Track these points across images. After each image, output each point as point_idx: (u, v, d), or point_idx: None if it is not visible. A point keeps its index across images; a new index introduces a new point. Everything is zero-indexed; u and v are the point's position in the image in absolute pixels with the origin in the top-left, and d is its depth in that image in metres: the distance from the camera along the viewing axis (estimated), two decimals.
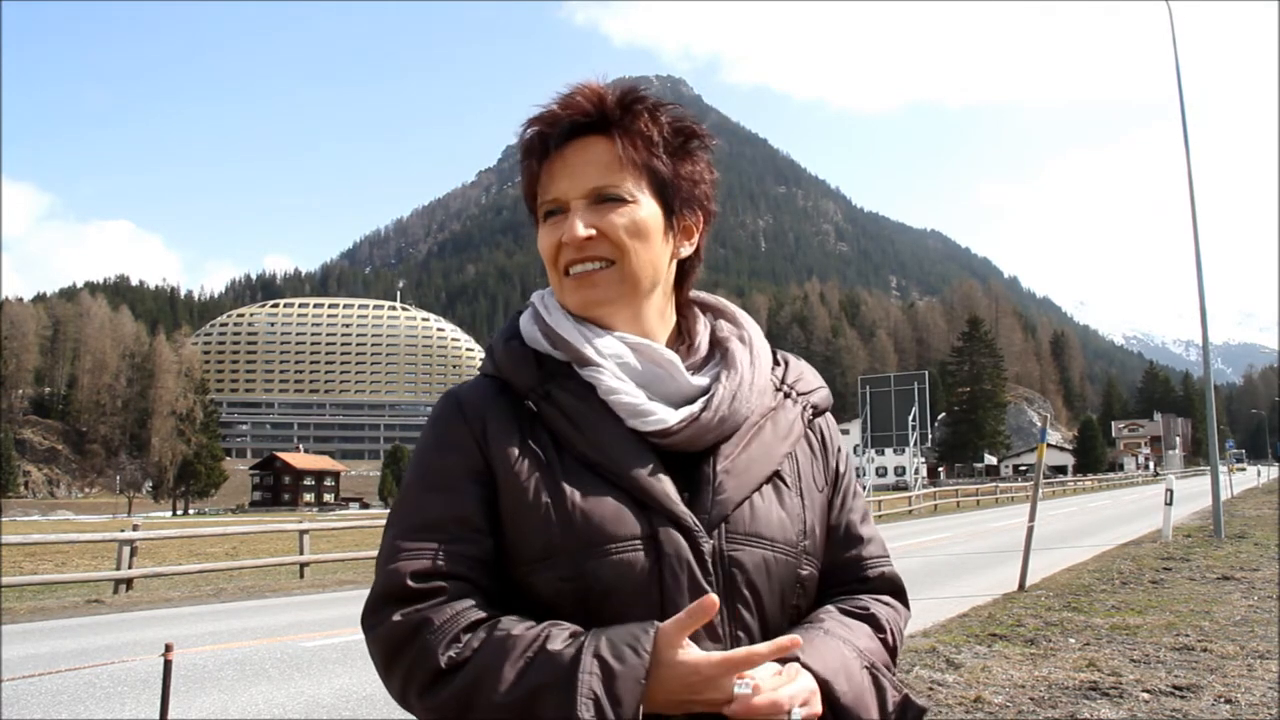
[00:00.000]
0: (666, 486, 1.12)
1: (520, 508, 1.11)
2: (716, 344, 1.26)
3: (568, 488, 1.10)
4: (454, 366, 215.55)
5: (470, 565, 1.10)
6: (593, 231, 1.13)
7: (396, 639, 1.06)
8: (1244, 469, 75.64)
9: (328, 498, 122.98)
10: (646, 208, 1.16)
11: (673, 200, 1.19)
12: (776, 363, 1.29)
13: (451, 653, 1.03)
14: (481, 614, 1.07)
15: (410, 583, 1.07)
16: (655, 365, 1.18)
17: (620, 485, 1.11)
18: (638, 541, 1.09)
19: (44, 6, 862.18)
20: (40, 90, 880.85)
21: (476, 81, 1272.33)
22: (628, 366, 1.17)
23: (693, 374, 1.20)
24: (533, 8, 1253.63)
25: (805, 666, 1.06)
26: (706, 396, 1.18)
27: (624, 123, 1.16)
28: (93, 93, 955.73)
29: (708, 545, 1.11)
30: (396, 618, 1.06)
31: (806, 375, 1.31)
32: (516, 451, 1.13)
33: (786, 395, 1.26)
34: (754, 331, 1.30)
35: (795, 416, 1.25)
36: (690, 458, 1.16)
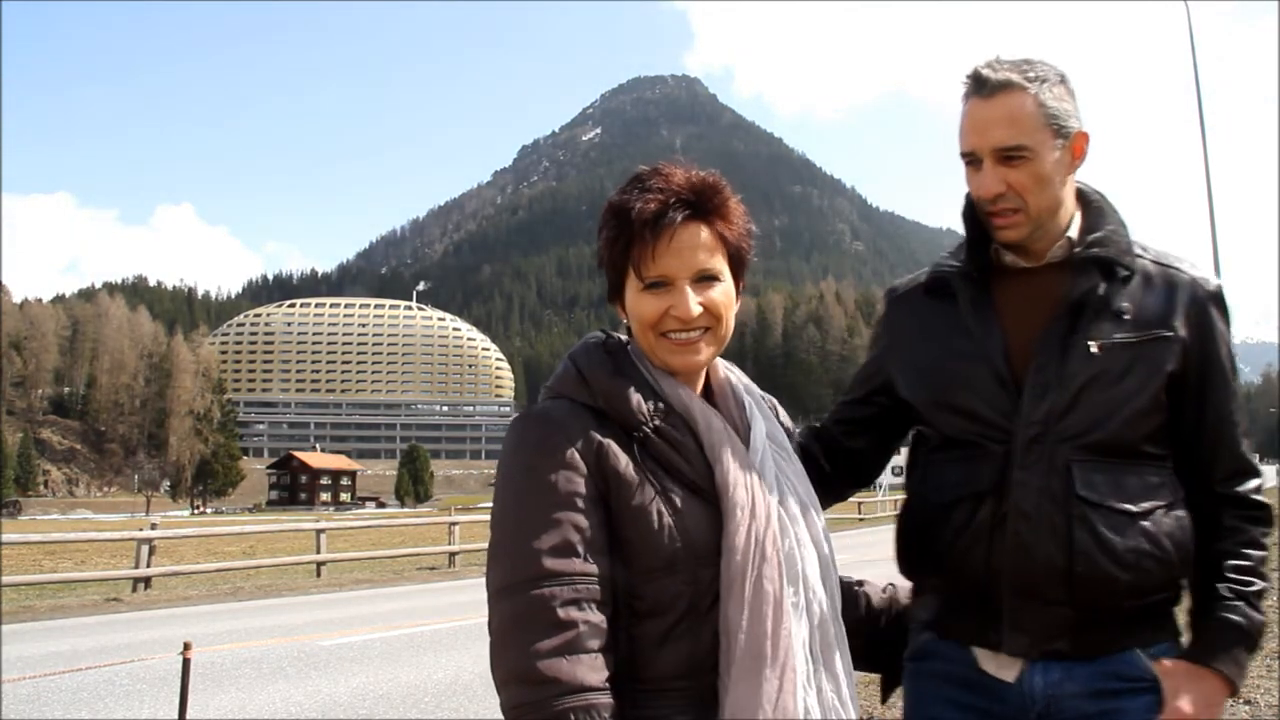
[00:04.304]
0: None
1: (645, 527, 1.30)
2: (747, 389, 1.52)
3: (683, 509, 1.31)
4: (470, 366, 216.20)
5: (601, 586, 1.27)
6: (701, 309, 1.36)
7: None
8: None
9: (344, 497, 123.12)
10: (730, 281, 1.41)
11: (741, 271, 1.44)
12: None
13: None
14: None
15: (559, 612, 1.23)
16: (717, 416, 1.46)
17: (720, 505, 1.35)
18: None
19: (43, 6, 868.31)
20: (43, 92, 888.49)
21: (492, 82, 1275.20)
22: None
23: (738, 409, 1.47)
24: (548, 8, 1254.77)
25: None
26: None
27: (720, 212, 1.39)
28: (97, 93, 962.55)
29: None
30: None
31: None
32: (634, 478, 1.31)
33: None
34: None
35: None
36: None
